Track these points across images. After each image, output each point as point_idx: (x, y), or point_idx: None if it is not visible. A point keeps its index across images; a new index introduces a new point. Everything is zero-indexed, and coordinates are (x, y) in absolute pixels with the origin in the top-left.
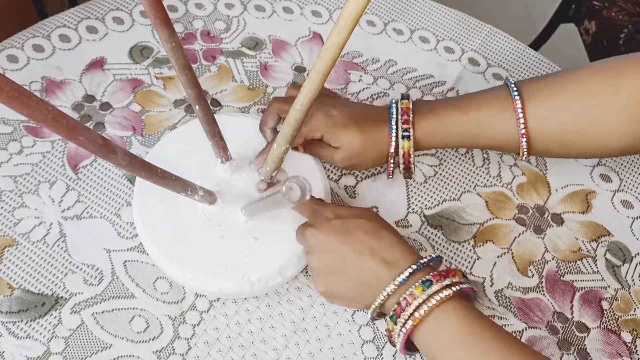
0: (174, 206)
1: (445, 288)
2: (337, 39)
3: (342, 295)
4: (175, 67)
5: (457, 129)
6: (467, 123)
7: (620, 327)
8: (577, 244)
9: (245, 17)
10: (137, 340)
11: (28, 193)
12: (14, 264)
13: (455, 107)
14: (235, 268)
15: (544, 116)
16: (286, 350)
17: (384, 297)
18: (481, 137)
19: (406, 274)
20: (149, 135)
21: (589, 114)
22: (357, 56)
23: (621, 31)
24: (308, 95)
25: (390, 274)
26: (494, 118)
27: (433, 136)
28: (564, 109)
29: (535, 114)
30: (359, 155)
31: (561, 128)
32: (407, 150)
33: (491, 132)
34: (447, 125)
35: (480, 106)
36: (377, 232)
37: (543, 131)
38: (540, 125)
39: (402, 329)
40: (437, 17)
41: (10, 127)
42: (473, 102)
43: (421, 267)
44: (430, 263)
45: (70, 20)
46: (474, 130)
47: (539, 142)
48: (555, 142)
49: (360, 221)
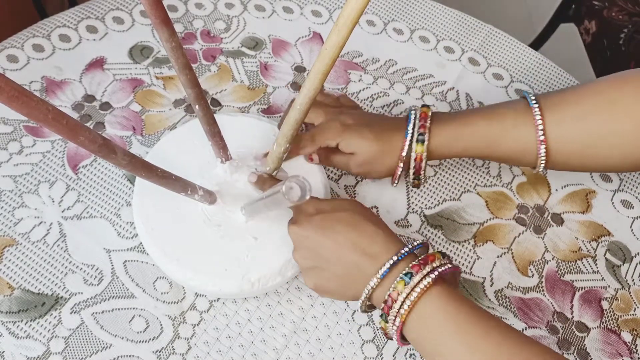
0: (174, 206)
1: (426, 276)
2: (337, 39)
3: (331, 290)
4: (175, 67)
5: (476, 138)
6: (487, 132)
7: (620, 327)
8: (577, 243)
9: (245, 16)
10: (137, 340)
11: (28, 193)
12: (14, 263)
13: (475, 116)
14: (235, 268)
15: (564, 126)
16: (286, 350)
17: (368, 292)
18: (500, 147)
19: (387, 266)
20: (149, 135)
21: (611, 123)
22: (357, 56)
23: (621, 31)
24: (308, 95)
25: (372, 267)
26: (513, 128)
27: (449, 144)
28: (584, 118)
29: (555, 123)
30: (374, 162)
31: (582, 138)
32: (419, 155)
33: (511, 142)
34: (465, 134)
35: (501, 116)
36: (358, 224)
37: (563, 141)
38: (559, 135)
39: (393, 326)
40: (437, 17)
41: (10, 126)
42: (494, 112)
43: (402, 258)
44: (415, 250)
45: (70, 20)
46: (493, 139)
47: (559, 153)
48: (576, 153)
49: (340, 214)
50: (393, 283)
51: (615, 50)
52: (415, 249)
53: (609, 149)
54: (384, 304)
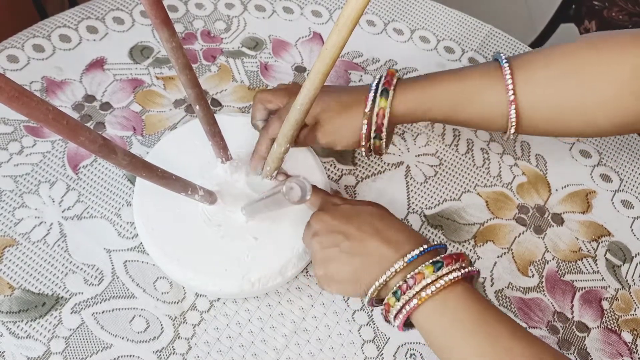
0: (174, 206)
1: (454, 271)
2: (337, 39)
3: (340, 278)
4: (175, 67)
5: (443, 97)
6: (453, 92)
7: (621, 327)
8: (578, 243)
9: (245, 17)
10: (137, 340)
11: (28, 193)
12: (15, 264)
13: (442, 76)
14: (235, 268)
15: (534, 86)
16: (286, 350)
17: (390, 274)
18: (468, 109)
19: (417, 251)
20: (149, 135)
21: (583, 88)
22: (357, 56)
23: None
24: (308, 95)
25: (395, 254)
26: (483, 87)
27: (415, 102)
28: (555, 80)
29: (525, 84)
30: (339, 128)
31: (552, 101)
32: (382, 109)
33: (480, 102)
34: (432, 92)
35: (470, 76)
36: (384, 216)
37: (533, 103)
38: (530, 97)
39: (406, 306)
40: (437, 17)
41: (10, 127)
42: (462, 73)
43: (429, 250)
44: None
45: (71, 20)
46: (460, 100)
47: (528, 115)
48: (545, 118)
49: (367, 207)
50: (418, 267)
51: None
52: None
53: (582, 114)
54: (403, 282)
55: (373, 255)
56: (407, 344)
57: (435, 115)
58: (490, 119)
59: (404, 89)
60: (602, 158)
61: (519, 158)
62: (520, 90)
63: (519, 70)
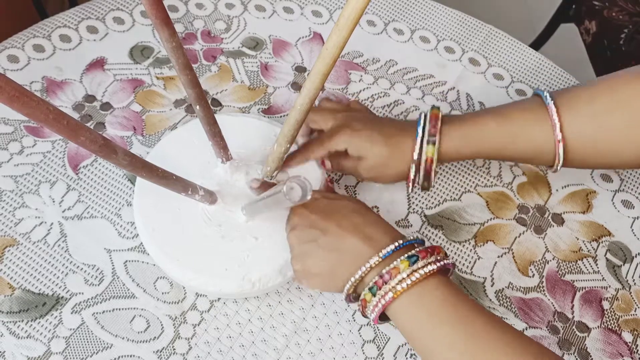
0: (174, 206)
1: (431, 263)
2: (338, 39)
3: (318, 272)
4: (175, 67)
5: (489, 139)
6: (500, 132)
7: (621, 327)
8: (578, 244)
9: (245, 17)
10: (137, 340)
11: (29, 193)
12: (15, 264)
13: (487, 116)
14: (235, 268)
15: (581, 122)
16: (287, 350)
17: (365, 269)
18: (515, 147)
19: (392, 247)
20: (149, 135)
21: (630, 122)
22: (357, 56)
23: (621, 31)
24: (308, 95)
25: (372, 250)
26: (528, 127)
27: (461, 145)
28: (601, 116)
29: (571, 120)
30: (383, 166)
31: (599, 137)
32: (430, 157)
33: (526, 141)
34: (478, 135)
35: (514, 115)
36: (362, 212)
37: (580, 140)
38: (576, 132)
39: (381, 300)
40: (437, 17)
41: (10, 127)
42: (506, 111)
43: (405, 245)
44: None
45: (71, 20)
46: (507, 140)
47: (576, 150)
48: (593, 153)
49: (346, 202)
50: (394, 263)
51: (616, 51)
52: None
53: (624, 144)
54: (378, 278)
55: (350, 251)
56: (408, 344)
57: (481, 155)
58: (538, 156)
59: (450, 133)
60: None
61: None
62: (566, 129)
63: (564, 108)
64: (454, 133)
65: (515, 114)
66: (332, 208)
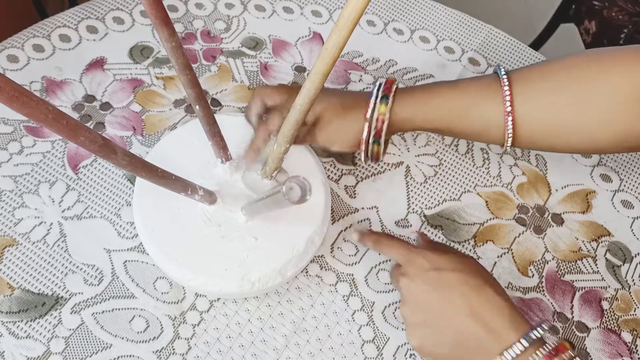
0: (174, 206)
1: None
2: (338, 39)
3: (438, 353)
4: (175, 67)
5: (441, 108)
6: (452, 102)
7: (621, 327)
8: (577, 244)
9: (245, 17)
10: (137, 340)
11: (28, 193)
12: (14, 264)
13: (441, 86)
14: (235, 268)
15: (532, 97)
16: (286, 350)
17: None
18: (465, 120)
19: (516, 350)
20: (149, 135)
21: (581, 102)
22: (357, 56)
23: (621, 31)
24: (308, 95)
25: (495, 344)
26: (480, 98)
27: (413, 112)
28: (552, 93)
29: (522, 97)
30: (339, 126)
31: (549, 114)
32: (382, 115)
33: (477, 113)
34: (430, 102)
35: (468, 88)
36: (479, 289)
37: (530, 116)
38: (527, 109)
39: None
40: (437, 17)
41: (10, 127)
42: (461, 84)
43: (531, 343)
44: (541, 330)
45: (71, 20)
46: (457, 112)
47: (525, 128)
48: (542, 132)
49: (459, 275)
50: None
51: None
52: (542, 329)
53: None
54: None
55: (469, 341)
56: (407, 344)
57: (433, 125)
58: (488, 130)
59: (403, 97)
60: (602, 158)
61: (518, 158)
62: (517, 102)
63: (517, 82)
64: (407, 99)
65: (469, 86)
66: (444, 283)
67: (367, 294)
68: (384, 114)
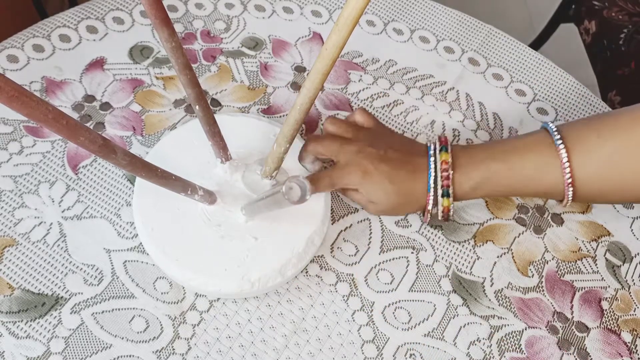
0: (174, 206)
1: None
2: (337, 39)
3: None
4: (175, 67)
5: (500, 182)
6: (510, 176)
7: (620, 327)
8: (577, 244)
9: (245, 17)
10: (137, 340)
11: (28, 193)
12: (14, 264)
13: (496, 158)
14: (235, 268)
15: (591, 164)
16: (286, 350)
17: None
18: (525, 190)
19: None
20: (149, 135)
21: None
22: (357, 56)
23: (621, 31)
24: (308, 95)
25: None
26: (539, 170)
27: (474, 191)
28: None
29: (582, 163)
30: (394, 210)
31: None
32: (446, 207)
33: (537, 185)
34: (489, 183)
35: (524, 157)
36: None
37: (591, 178)
38: (587, 173)
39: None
40: (437, 17)
41: (10, 127)
42: (515, 151)
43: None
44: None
45: (71, 20)
46: (518, 185)
47: (585, 190)
48: (602, 192)
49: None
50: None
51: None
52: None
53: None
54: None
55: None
56: (407, 344)
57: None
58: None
59: (461, 184)
60: None
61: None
62: (577, 171)
63: (574, 150)
64: (464, 181)
65: (525, 154)
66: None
67: (367, 294)
68: (448, 205)
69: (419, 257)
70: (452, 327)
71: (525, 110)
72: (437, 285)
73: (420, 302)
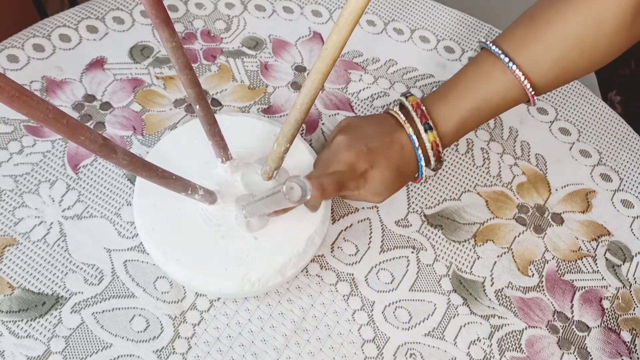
0: (174, 206)
1: None
2: (338, 39)
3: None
4: (175, 67)
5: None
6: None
7: (620, 326)
8: (577, 243)
9: (245, 16)
10: (137, 340)
11: (28, 193)
12: (15, 263)
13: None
14: (235, 268)
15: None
16: (286, 349)
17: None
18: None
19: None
20: (149, 134)
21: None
22: (357, 56)
23: None
24: (308, 95)
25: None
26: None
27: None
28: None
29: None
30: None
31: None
32: (434, 141)
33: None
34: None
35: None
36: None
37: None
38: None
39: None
40: (437, 17)
41: (10, 126)
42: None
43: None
44: None
45: (71, 20)
46: (487, 113)
47: (542, 83)
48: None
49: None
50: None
51: None
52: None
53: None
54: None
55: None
56: (407, 344)
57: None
58: (515, 102)
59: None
60: (602, 157)
61: (518, 158)
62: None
63: (514, 53)
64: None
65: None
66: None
67: (367, 294)
68: (434, 139)
69: (419, 257)
70: (453, 326)
71: (525, 110)
72: (438, 285)
73: (420, 302)
